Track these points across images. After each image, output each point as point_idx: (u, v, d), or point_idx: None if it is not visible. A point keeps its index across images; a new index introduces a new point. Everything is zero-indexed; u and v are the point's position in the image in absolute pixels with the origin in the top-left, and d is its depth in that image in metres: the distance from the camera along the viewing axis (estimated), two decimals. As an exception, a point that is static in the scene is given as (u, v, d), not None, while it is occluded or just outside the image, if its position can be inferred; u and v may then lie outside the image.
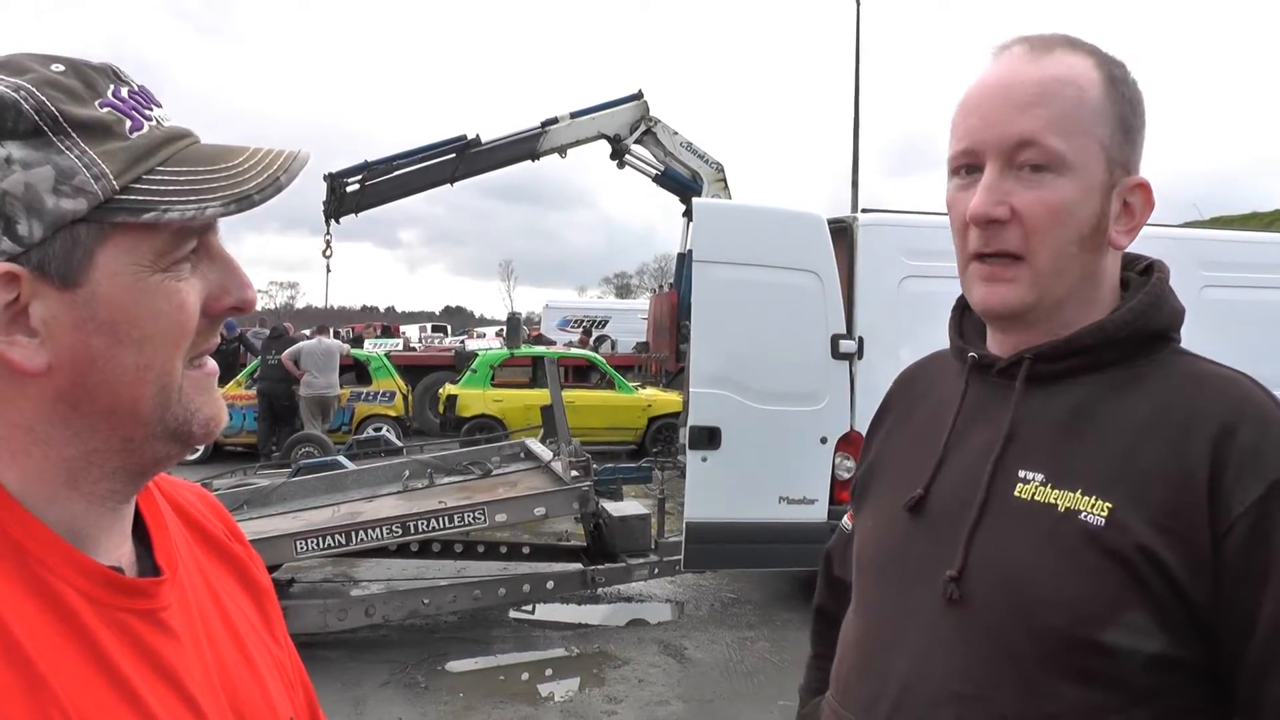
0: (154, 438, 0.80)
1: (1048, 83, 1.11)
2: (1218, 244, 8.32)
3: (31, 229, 0.72)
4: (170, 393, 0.79)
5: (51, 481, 0.78)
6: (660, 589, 8.27)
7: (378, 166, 16.81)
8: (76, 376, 0.76)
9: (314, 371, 13.86)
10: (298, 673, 1.04)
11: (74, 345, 0.75)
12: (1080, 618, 1.03)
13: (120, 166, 0.74)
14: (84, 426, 0.78)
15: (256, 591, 1.01)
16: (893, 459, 1.34)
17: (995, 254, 1.15)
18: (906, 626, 1.16)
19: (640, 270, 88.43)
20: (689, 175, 17.23)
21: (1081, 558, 1.04)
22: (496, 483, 7.56)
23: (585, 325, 29.71)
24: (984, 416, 1.19)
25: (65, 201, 0.72)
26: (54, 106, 0.73)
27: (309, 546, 6.33)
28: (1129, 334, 1.14)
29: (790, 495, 6.89)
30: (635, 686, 6.13)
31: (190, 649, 0.83)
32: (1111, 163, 1.13)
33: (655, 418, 15.65)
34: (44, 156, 0.72)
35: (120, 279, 0.75)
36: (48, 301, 0.74)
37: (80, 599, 0.76)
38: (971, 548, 1.12)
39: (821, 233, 7.01)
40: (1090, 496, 1.06)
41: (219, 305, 0.82)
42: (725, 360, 6.83)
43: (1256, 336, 7.17)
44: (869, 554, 1.29)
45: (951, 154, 1.19)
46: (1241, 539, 1.00)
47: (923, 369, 1.42)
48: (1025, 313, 1.16)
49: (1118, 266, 1.21)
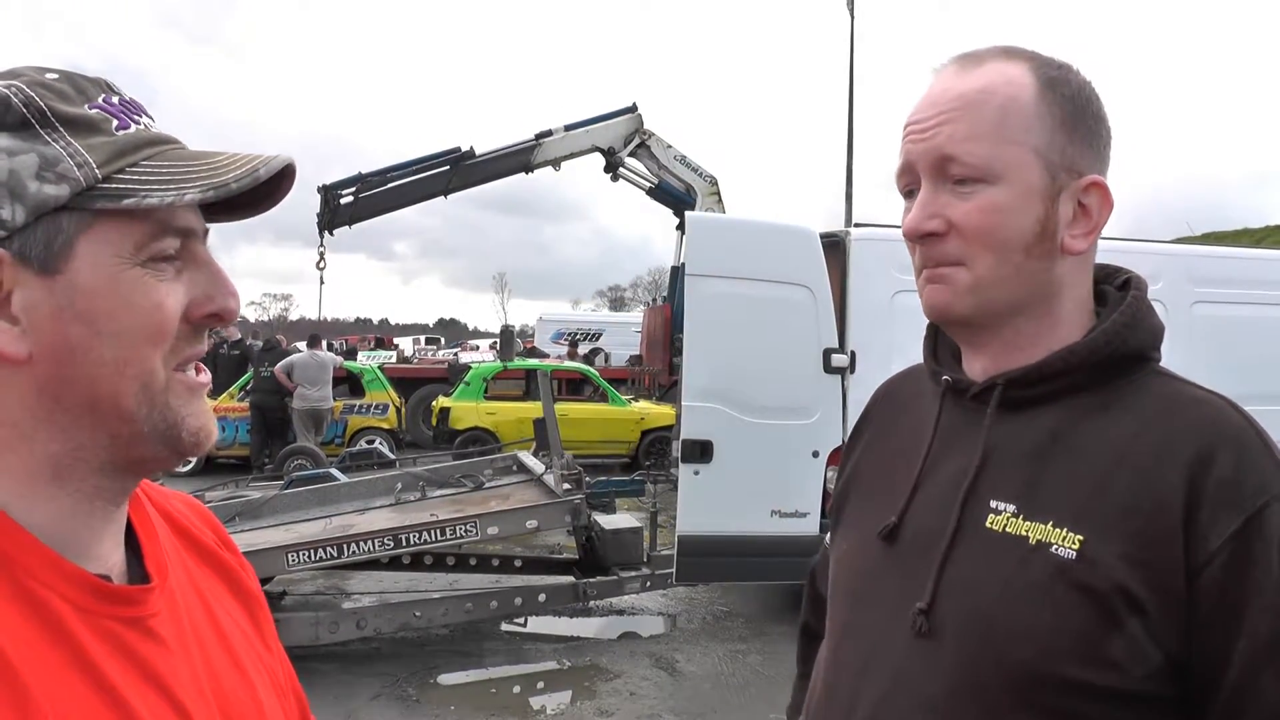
0: (141, 438, 0.81)
1: (970, 95, 1.11)
2: (1209, 260, 8.35)
3: (14, 213, 0.74)
4: (154, 393, 0.80)
5: (38, 480, 0.78)
6: (652, 602, 8.26)
7: (372, 178, 16.85)
8: (56, 368, 0.76)
9: (307, 384, 13.82)
10: (289, 680, 1.04)
11: (53, 334, 0.76)
12: (1050, 653, 1.00)
13: (103, 157, 0.76)
14: (68, 422, 0.78)
15: (247, 599, 1.01)
16: (868, 478, 1.32)
17: (937, 266, 1.14)
18: (876, 656, 1.15)
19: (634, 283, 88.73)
20: (683, 188, 17.30)
21: (1052, 592, 1.01)
22: (489, 496, 7.55)
23: (572, 338, 29.73)
24: (957, 443, 1.17)
25: (48, 187, 0.74)
26: (43, 103, 0.76)
27: (301, 559, 6.32)
28: (1103, 358, 1.11)
29: (782, 509, 6.90)
30: (627, 699, 6.12)
31: (180, 656, 0.84)
32: (1051, 166, 1.10)
33: (648, 431, 15.64)
34: (29, 146, 0.75)
35: (100, 269, 0.76)
36: (28, 289, 0.75)
37: (67, 607, 0.76)
38: (941, 580, 1.10)
39: (814, 247, 7.04)
40: (1061, 529, 1.03)
41: (201, 311, 0.82)
42: (718, 374, 6.85)
43: (1247, 352, 7.22)
44: (842, 580, 1.28)
45: (895, 176, 1.19)
46: (1217, 574, 0.97)
47: (899, 385, 1.40)
48: (970, 319, 1.15)
49: (1085, 277, 1.17)
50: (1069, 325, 1.15)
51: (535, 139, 17.10)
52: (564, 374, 17.34)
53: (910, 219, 1.14)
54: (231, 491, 8.50)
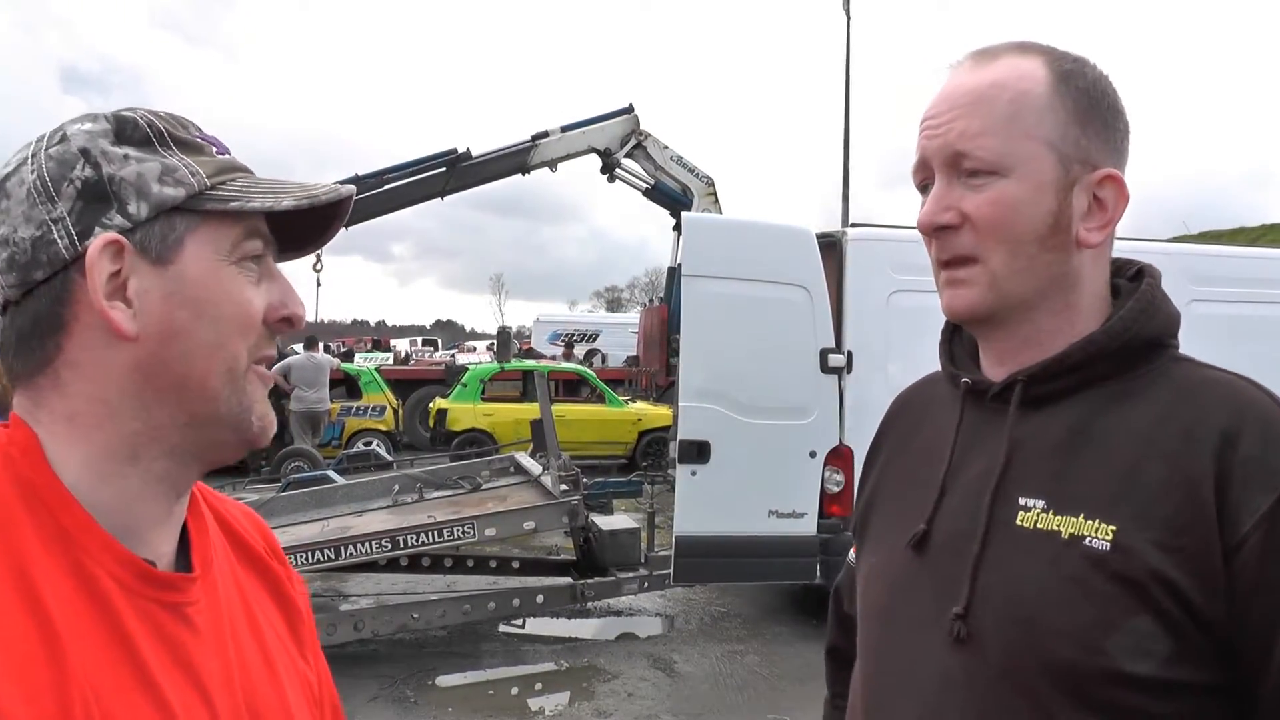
0: (215, 420, 0.90)
1: (983, 89, 1.12)
2: (1206, 259, 8.36)
3: (139, 208, 0.86)
4: (236, 378, 0.91)
5: (114, 458, 0.87)
6: (650, 603, 8.27)
7: (368, 180, 16.79)
8: (158, 347, 0.86)
9: (304, 386, 13.81)
10: (328, 693, 1.09)
11: (162, 316, 0.86)
12: (1094, 647, 0.99)
13: (211, 171, 0.90)
14: (153, 399, 0.87)
15: (289, 610, 1.07)
16: (891, 493, 1.30)
17: (952, 259, 1.15)
18: (915, 669, 1.12)
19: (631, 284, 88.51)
20: (679, 189, 17.26)
21: (1089, 584, 1.00)
22: (486, 497, 7.56)
23: (567, 339, 29.74)
24: (981, 444, 1.16)
25: (168, 189, 0.87)
26: (162, 126, 0.90)
27: (298, 561, 6.30)
28: (1121, 345, 1.10)
29: (779, 509, 6.90)
30: (625, 700, 6.12)
31: (212, 646, 0.90)
32: (1065, 159, 1.11)
33: (645, 432, 15.66)
34: (154, 157, 0.88)
35: (204, 263, 0.88)
36: (142, 276, 0.86)
37: (114, 584, 0.83)
38: (976, 582, 1.08)
39: (810, 247, 7.05)
40: (1093, 520, 1.02)
41: (276, 314, 0.94)
42: (714, 374, 6.86)
43: (1245, 351, 7.22)
44: (873, 595, 1.26)
45: (911, 172, 1.20)
46: (1254, 553, 0.96)
47: (915, 395, 1.39)
48: (989, 315, 1.15)
49: (1102, 271, 1.17)
50: (1087, 319, 1.15)
51: (532, 140, 17.06)
52: (561, 375, 17.34)
53: (925, 212, 1.15)
54: (229, 494, 8.49)
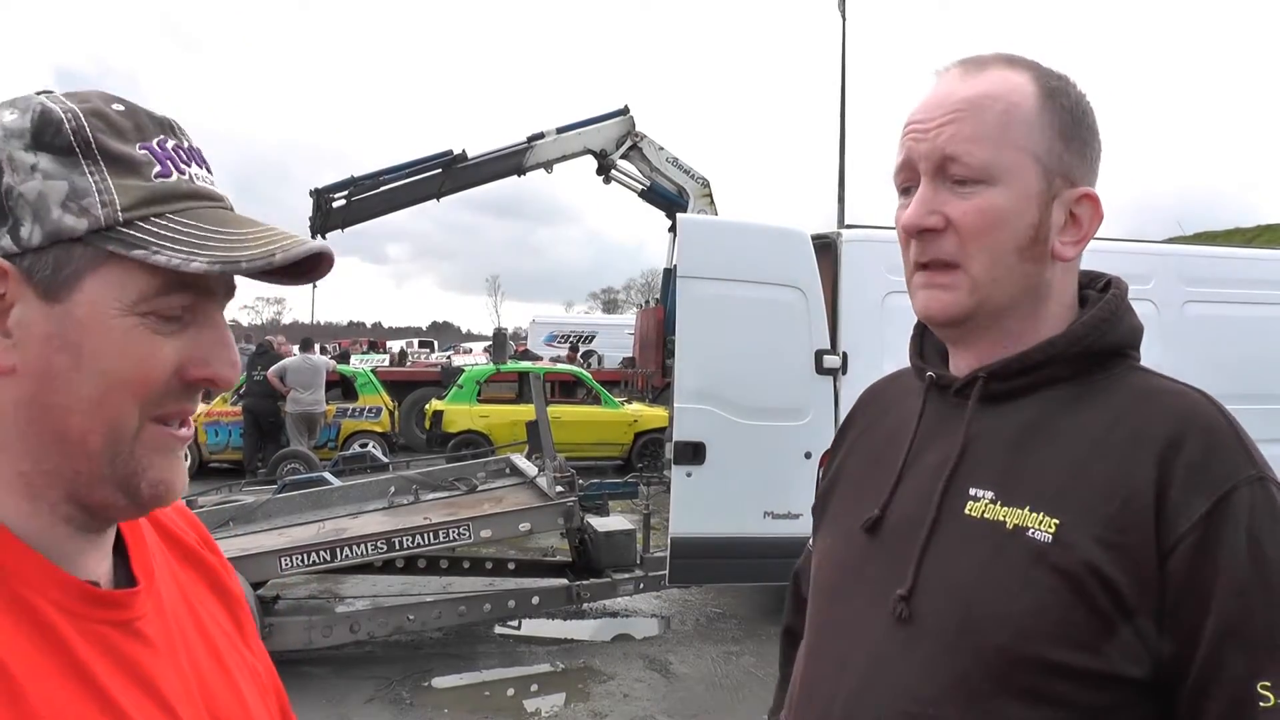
0: (102, 480, 0.80)
1: (975, 99, 1.13)
2: (1201, 260, 8.35)
3: (32, 233, 0.76)
4: (121, 440, 0.80)
5: (13, 493, 0.79)
6: (645, 604, 8.27)
7: (364, 182, 16.83)
8: (36, 390, 0.77)
9: (300, 387, 13.79)
10: (270, 677, 1.05)
11: (39, 356, 0.77)
12: (1027, 635, 1.02)
13: (130, 201, 0.78)
14: (37, 445, 0.79)
15: (229, 599, 1.03)
16: (851, 477, 1.34)
17: (931, 262, 1.17)
18: (856, 646, 1.16)
19: (627, 285, 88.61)
20: (675, 190, 17.31)
21: (1028, 575, 1.04)
22: (482, 498, 7.55)
23: (572, 341, 29.75)
24: (939, 436, 1.20)
25: (68, 218, 0.76)
26: (91, 133, 0.78)
27: (294, 563, 6.32)
28: (1081, 349, 1.14)
29: (775, 510, 6.90)
30: (621, 701, 6.12)
31: (166, 657, 0.86)
32: (1049, 173, 1.14)
33: (641, 433, 15.64)
34: (65, 173, 0.77)
35: (98, 308, 0.77)
36: (27, 307, 0.77)
37: (57, 612, 0.78)
38: (922, 566, 1.12)
39: (805, 248, 7.05)
40: (1038, 513, 1.06)
41: (195, 373, 0.82)
42: (710, 375, 6.85)
43: (1239, 351, 7.25)
44: (824, 574, 1.29)
45: (893, 173, 1.22)
46: (1187, 555, 1.00)
47: (885, 387, 1.42)
48: (965, 319, 1.17)
49: (1071, 282, 1.21)
50: (1052, 324, 1.18)
51: (527, 142, 17.10)
52: (557, 376, 17.33)
53: (909, 213, 1.16)
54: (225, 496, 8.50)
